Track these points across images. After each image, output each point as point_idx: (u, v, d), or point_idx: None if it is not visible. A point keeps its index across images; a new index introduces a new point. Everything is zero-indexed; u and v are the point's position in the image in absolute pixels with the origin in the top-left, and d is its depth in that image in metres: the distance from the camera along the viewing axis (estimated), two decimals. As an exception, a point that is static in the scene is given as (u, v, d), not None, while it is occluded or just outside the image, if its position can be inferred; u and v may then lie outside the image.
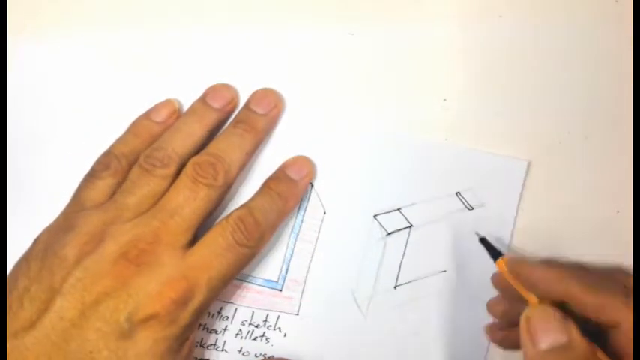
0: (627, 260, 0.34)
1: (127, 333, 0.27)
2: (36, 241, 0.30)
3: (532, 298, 0.29)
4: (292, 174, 0.34)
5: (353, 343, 0.34)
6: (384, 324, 0.34)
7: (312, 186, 0.35)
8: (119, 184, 0.32)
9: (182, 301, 0.28)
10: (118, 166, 0.32)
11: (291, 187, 0.33)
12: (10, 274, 0.29)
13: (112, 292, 0.28)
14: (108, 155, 0.33)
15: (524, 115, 0.36)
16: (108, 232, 0.29)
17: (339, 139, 0.35)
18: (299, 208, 0.35)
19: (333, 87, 0.36)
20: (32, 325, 0.27)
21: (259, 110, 0.34)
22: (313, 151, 0.35)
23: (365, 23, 0.36)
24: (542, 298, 0.28)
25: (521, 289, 0.29)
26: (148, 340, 0.28)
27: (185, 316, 0.28)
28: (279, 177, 0.33)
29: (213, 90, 0.35)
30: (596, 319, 0.27)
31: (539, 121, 0.36)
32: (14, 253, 0.30)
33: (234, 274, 0.31)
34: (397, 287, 0.34)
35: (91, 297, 0.27)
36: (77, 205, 0.31)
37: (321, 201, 0.35)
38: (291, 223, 0.34)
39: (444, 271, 0.34)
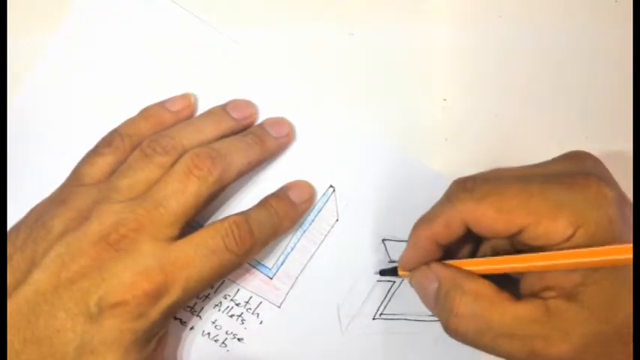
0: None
1: (94, 317, 0.27)
2: (30, 211, 0.30)
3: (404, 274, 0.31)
4: (293, 196, 0.33)
5: (324, 353, 0.34)
6: (359, 346, 0.34)
7: (333, 190, 0.35)
8: (119, 163, 0.31)
9: (154, 295, 0.28)
10: (120, 144, 0.31)
11: (290, 209, 0.33)
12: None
13: (88, 272, 0.27)
14: (112, 133, 0.32)
15: (524, 116, 0.36)
16: (94, 210, 0.29)
17: (363, 149, 0.35)
18: (313, 208, 0.34)
19: (333, 87, 0.36)
20: (9, 295, 0.27)
21: (272, 132, 0.34)
22: (330, 152, 0.35)
23: (365, 23, 0.36)
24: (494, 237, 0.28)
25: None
26: (114, 329, 0.27)
27: (155, 311, 0.28)
28: (281, 196, 0.33)
29: (236, 102, 0.34)
30: (510, 236, 0.27)
31: (538, 122, 0.36)
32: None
33: (214, 281, 0.30)
34: (382, 315, 0.34)
35: (67, 274, 0.27)
36: (75, 180, 0.31)
37: (337, 207, 0.34)
38: (301, 220, 0.34)
39: (431, 316, 0.32)
